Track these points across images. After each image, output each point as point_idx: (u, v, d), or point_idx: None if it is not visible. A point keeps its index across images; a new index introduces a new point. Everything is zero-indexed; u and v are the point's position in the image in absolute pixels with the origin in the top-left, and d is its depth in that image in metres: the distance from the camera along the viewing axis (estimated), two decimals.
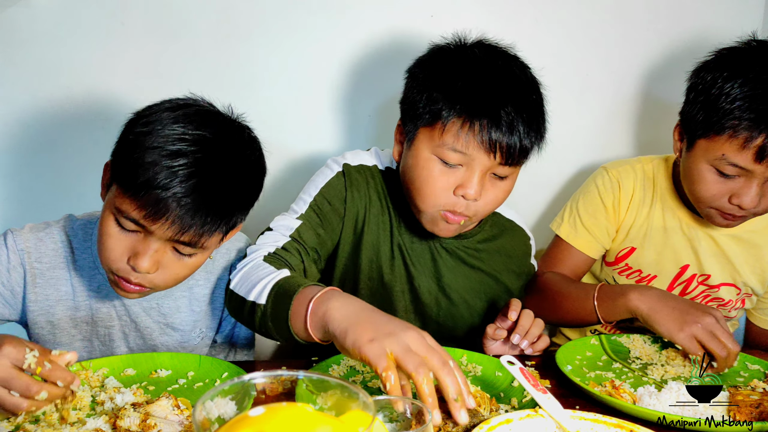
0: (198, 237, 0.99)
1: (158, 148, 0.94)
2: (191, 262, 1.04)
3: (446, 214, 1.11)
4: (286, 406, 0.58)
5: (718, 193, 1.19)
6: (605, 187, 1.38)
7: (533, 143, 1.08)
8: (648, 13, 1.64)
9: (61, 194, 1.53)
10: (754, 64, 1.12)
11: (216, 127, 1.00)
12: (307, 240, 1.14)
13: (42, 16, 1.45)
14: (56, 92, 1.49)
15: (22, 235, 1.10)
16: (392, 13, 1.55)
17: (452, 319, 1.30)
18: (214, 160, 0.98)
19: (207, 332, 1.23)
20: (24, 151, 1.51)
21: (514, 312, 1.14)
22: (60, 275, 1.12)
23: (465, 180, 1.08)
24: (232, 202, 1.02)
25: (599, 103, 1.67)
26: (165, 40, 1.49)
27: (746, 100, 1.10)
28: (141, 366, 1.05)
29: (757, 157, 1.11)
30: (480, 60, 1.09)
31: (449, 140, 1.06)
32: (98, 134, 1.51)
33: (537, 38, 1.62)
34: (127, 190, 0.95)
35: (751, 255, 1.32)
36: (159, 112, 0.99)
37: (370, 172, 1.23)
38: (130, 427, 0.83)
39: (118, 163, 0.99)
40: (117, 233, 0.99)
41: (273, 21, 1.52)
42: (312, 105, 1.58)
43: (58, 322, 1.13)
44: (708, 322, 1.06)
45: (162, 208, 0.94)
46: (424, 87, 1.10)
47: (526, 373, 0.92)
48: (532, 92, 1.10)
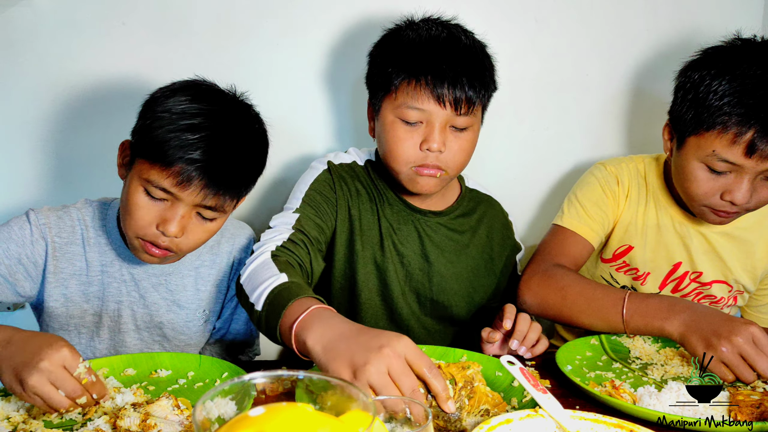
0: (222, 201, 1.11)
1: (178, 123, 1.06)
2: (212, 227, 1.15)
3: (418, 169, 1.22)
4: (286, 406, 0.58)
5: (710, 190, 1.19)
6: (605, 179, 1.39)
7: (478, 93, 1.20)
8: (647, 14, 1.64)
9: (61, 192, 1.53)
10: (741, 61, 1.14)
11: (224, 103, 1.13)
12: (308, 230, 1.22)
13: (42, 15, 1.45)
14: (57, 92, 1.49)
15: (42, 213, 1.19)
16: (392, 15, 1.55)
17: (445, 294, 1.37)
18: (228, 131, 1.10)
19: (210, 315, 1.29)
20: (24, 150, 1.51)
21: (509, 320, 1.15)
22: (75, 251, 1.20)
23: (427, 134, 1.20)
24: (246, 168, 1.15)
25: (599, 103, 1.67)
26: (165, 40, 1.50)
27: (735, 96, 1.12)
28: (141, 366, 1.05)
29: (747, 151, 1.12)
30: (423, 29, 1.23)
31: (404, 99, 1.19)
32: (99, 133, 1.51)
33: (537, 38, 1.62)
34: (156, 162, 1.06)
35: (742, 252, 1.33)
36: (172, 91, 1.11)
37: (351, 168, 1.35)
38: (130, 427, 0.83)
39: (143, 140, 1.09)
40: (146, 203, 1.09)
41: (273, 21, 1.52)
42: (312, 105, 1.58)
43: (72, 296, 1.20)
44: (738, 342, 0.99)
45: (191, 177, 1.06)
46: (380, 61, 1.25)
47: (526, 373, 0.92)
48: (473, 50, 1.23)
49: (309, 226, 1.23)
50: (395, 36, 1.26)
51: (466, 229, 1.39)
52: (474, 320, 1.39)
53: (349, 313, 1.31)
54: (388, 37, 1.28)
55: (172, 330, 1.26)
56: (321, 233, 1.25)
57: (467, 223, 1.39)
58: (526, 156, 1.69)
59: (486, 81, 1.22)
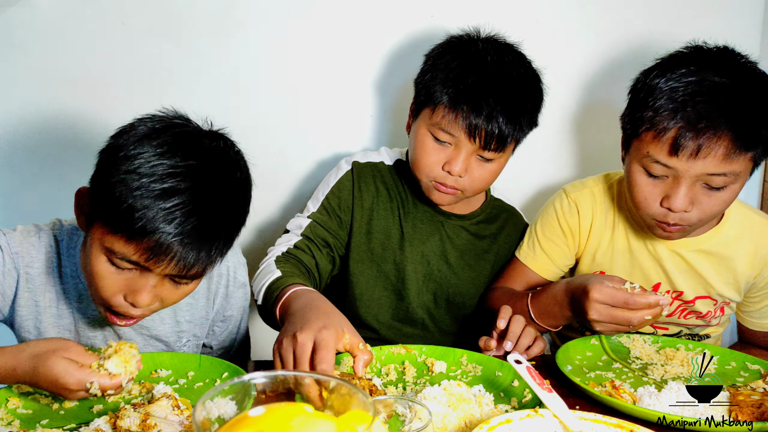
0: (202, 269, 0.97)
1: (149, 188, 0.89)
2: (188, 288, 1.02)
3: (437, 185, 1.26)
4: (286, 406, 0.58)
5: (650, 196, 1.16)
6: (563, 211, 1.36)
7: (513, 132, 1.20)
8: (647, 16, 1.64)
9: (61, 193, 1.53)
10: (683, 63, 1.12)
11: (202, 152, 0.95)
12: (318, 235, 1.29)
13: (42, 16, 1.45)
14: (56, 92, 1.49)
15: (15, 238, 1.08)
16: (392, 13, 1.55)
17: (461, 297, 1.41)
18: (208, 191, 0.93)
19: (194, 340, 1.23)
20: (24, 150, 1.51)
21: (503, 320, 1.15)
22: (47, 281, 1.10)
23: (451, 158, 1.22)
24: (229, 229, 0.99)
25: (599, 102, 1.67)
26: (165, 40, 1.49)
27: (666, 93, 1.11)
28: None
29: (672, 149, 1.09)
30: (478, 53, 1.22)
31: (438, 121, 1.21)
32: (99, 134, 1.50)
33: (537, 38, 1.61)
34: (120, 232, 0.90)
35: (722, 267, 1.28)
36: (137, 141, 0.92)
37: (377, 168, 1.38)
38: (130, 427, 0.83)
39: (103, 202, 0.92)
40: (111, 273, 0.94)
41: (273, 21, 1.52)
42: (311, 105, 1.58)
43: (43, 328, 1.11)
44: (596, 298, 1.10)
45: (165, 250, 0.90)
46: (429, 71, 1.25)
47: (533, 372, 0.91)
48: (520, 87, 1.22)
49: (318, 231, 1.30)
50: (451, 48, 1.25)
51: (487, 234, 1.41)
52: (484, 322, 1.39)
53: (366, 311, 1.38)
54: (445, 46, 1.27)
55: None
56: (332, 237, 1.32)
57: (489, 229, 1.42)
58: (525, 156, 1.68)
59: (524, 120, 1.22)
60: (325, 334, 0.89)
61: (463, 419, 0.88)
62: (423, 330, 1.41)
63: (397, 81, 1.58)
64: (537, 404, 0.88)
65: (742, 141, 1.07)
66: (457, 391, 0.92)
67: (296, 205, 1.61)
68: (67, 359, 0.87)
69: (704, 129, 1.07)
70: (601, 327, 1.12)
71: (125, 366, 0.89)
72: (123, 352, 0.90)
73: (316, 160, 1.62)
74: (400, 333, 1.40)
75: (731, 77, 1.09)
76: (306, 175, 1.62)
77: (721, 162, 1.08)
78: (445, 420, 0.87)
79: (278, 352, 0.93)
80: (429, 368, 1.09)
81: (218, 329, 1.26)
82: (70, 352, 0.89)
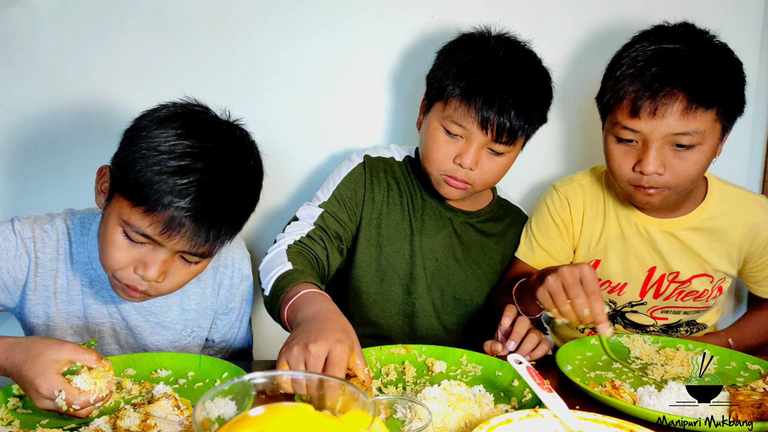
0: (210, 248, 1.02)
1: (167, 164, 0.95)
2: (197, 268, 1.07)
3: (447, 178, 1.27)
4: (286, 406, 0.58)
5: (623, 162, 1.21)
6: (555, 206, 1.39)
7: (523, 126, 1.22)
8: (648, 16, 1.63)
9: (62, 193, 1.53)
10: (645, 37, 1.21)
11: (218, 137, 1.01)
12: (329, 226, 1.28)
13: (42, 16, 1.45)
14: (56, 91, 1.49)
15: (27, 225, 1.12)
16: (392, 12, 1.55)
17: (468, 293, 1.41)
18: (221, 172, 0.99)
19: (198, 332, 1.24)
20: (24, 150, 1.51)
21: (507, 318, 1.15)
22: (59, 267, 1.13)
23: (463, 151, 1.24)
24: (240, 211, 1.05)
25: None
26: (165, 40, 1.49)
27: (626, 62, 1.18)
28: (141, 366, 1.05)
29: (632, 112, 1.16)
30: (490, 49, 1.25)
31: (451, 114, 1.23)
32: (99, 133, 1.50)
33: (538, 38, 1.61)
34: (138, 205, 0.96)
35: (715, 241, 1.31)
36: (158, 122, 0.99)
37: (388, 163, 1.39)
38: (130, 427, 0.83)
39: (123, 177, 0.98)
40: (125, 245, 1.00)
41: (273, 21, 1.52)
42: (311, 105, 1.58)
43: (52, 315, 1.13)
44: (563, 272, 1.08)
45: (177, 225, 0.96)
46: (442, 66, 1.27)
47: (533, 372, 0.91)
48: (532, 80, 1.25)
49: (331, 222, 1.29)
50: (462, 45, 1.28)
51: (494, 232, 1.43)
52: (490, 321, 1.39)
53: (372, 305, 1.38)
54: (457, 42, 1.29)
55: (157, 351, 1.18)
56: (343, 229, 1.31)
57: (496, 227, 1.43)
58: (525, 156, 1.68)
59: (534, 115, 1.25)
60: (339, 350, 0.87)
61: (463, 419, 0.88)
62: (428, 329, 1.40)
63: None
64: (537, 404, 0.88)
65: (697, 98, 1.13)
66: (457, 390, 0.93)
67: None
68: (56, 362, 0.85)
69: (659, 88, 1.13)
70: (542, 294, 1.11)
71: (95, 383, 0.86)
72: (96, 369, 0.87)
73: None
74: (404, 330, 1.39)
75: (688, 45, 1.16)
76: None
77: (680, 120, 1.13)
78: (445, 420, 0.87)
79: (286, 359, 0.89)
80: (429, 368, 1.09)
81: (221, 322, 1.27)
82: (63, 351, 0.86)
